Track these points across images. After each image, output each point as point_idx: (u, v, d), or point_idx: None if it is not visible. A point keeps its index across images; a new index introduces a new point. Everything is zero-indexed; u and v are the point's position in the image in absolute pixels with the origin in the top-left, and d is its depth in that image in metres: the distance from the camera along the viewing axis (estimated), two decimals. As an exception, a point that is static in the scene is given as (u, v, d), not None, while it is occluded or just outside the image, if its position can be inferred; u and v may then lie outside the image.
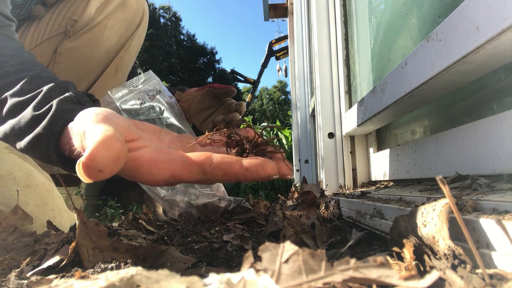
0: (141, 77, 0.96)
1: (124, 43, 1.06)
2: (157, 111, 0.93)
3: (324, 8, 1.27)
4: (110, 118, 0.42)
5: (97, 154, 0.34)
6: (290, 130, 3.81)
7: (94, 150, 0.34)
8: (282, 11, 3.60)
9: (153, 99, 0.92)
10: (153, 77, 0.97)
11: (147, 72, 0.98)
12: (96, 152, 0.34)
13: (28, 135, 0.50)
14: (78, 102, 0.51)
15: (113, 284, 0.20)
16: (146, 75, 0.96)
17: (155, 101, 0.93)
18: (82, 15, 0.99)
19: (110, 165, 0.34)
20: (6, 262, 0.44)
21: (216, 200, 1.07)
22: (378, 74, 0.99)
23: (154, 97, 0.93)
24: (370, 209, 0.57)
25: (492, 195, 0.36)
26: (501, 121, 0.46)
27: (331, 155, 1.14)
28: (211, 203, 1.06)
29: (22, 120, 0.51)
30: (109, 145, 0.35)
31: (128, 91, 0.90)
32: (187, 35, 23.05)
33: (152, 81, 0.95)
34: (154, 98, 0.93)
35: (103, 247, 0.47)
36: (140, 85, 0.93)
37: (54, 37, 1.00)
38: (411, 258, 0.30)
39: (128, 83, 0.91)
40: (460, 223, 0.26)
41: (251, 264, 0.22)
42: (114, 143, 0.35)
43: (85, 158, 0.33)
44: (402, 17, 0.86)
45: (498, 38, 0.40)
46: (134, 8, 1.05)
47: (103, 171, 0.34)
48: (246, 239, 0.68)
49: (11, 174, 0.64)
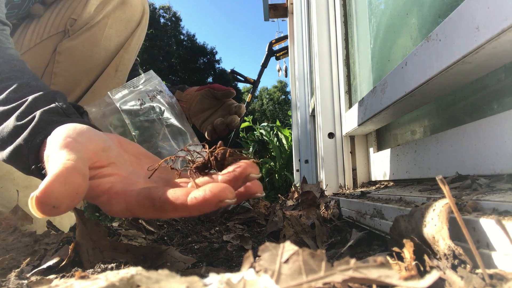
0: (142, 77, 0.95)
1: (124, 42, 1.05)
2: (157, 111, 0.92)
3: (324, 8, 1.27)
4: (79, 141, 0.39)
5: (52, 189, 0.31)
6: (290, 130, 3.82)
7: (49, 184, 0.31)
8: (282, 11, 3.60)
9: (154, 100, 0.91)
10: (154, 77, 0.96)
11: (148, 72, 0.97)
12: (52, 186, 0.31)
13: (10, 145, 0.48)
14: (63, 113, 0.49)
15: (113, 284, 0.20)
16: (146, 75, 0.95)
17: (156, 101, 0.92)
18: (82, 14, 0.98)
19: (66, 201, 0.32)
20: (6, 262, 0.44)
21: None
22: (378, 74, 0.99)
23: (154, 97, 0.91)
24: (370, 209, 0.57)
25: (492, 195, 0.36)
26: (501, 121, 0.46)
27: (331, 155, 1.14)
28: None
29: (5, 130, 0.49)
30: (67, 179, 0.32)
31: (128, 91, 0.89)
32: (187, 35, 23.07)
33: (153, 81, 0.95)
34: (154, 99, 0.91)
35: (103, 247, 0.47)
36: (141, 86, 0.92)
37: (53, 36, 0.99)
38: (411, 258, 0.30)
39: (129, 83, 0.91)
40: (460, 223, 0.26)
41: (251, 264, 0.22)
42: (73, 176, 0.33)
43: (39, 193, 0.31)
44: (402, 17, 0.86)
45: (498, 38, 0.40)
46: (134, 6, 1.05)
47: (58, 207, 0.31)
48: (246, 239, 0.68)
49: (10, 175, 0.64)
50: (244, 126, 4.36)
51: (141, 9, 1.07)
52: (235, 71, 4.12)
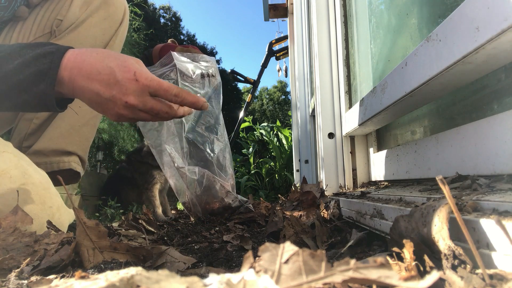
0: (205, 57, 1.13)
1: (109, 40, 1.08)
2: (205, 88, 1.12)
3: (324, 8, 1.27)
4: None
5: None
6: (290, 130, 3.82)
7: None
8: (282, 11, 3.60)
9: (204, 78, 1.10)
10: (214, 63, 1.14)
11: (211, 57, 1.14)
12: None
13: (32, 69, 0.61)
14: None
15: (113, 284, 0.20)
16: (210, 58, 1.13)
17: (206, 80, 1.11)
18: (67, 14, 1.01)
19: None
20: (6, 262, 0.44)
21: (223, 193, 1.08)
22: (378, 74, 0.99)
23: (208, 76, 1.11)
24: (370, 209, 0.57)
25: (492, 195, 0.36)
26: (501, 121, 0.46)
27: (331, 155, 1.14)
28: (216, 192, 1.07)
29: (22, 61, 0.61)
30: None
31: (190, 60, 1.09)
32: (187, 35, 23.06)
33: (213, 65, 1.13)
34: (206, 78, 1.11)
35: (103, 247, 0.47)
36: (202, 62, 1.11)
37: (39, 38, 1.02)
38: (411, 258, 0.30)
39: (195, 56, 1.11)
40: (460, 223, 0.26)
41: (251, 264, 0.22)
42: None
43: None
44: (402, 17, 0.86)
45: (498, 38, 0.40)
46: (116, 5, 1.08)
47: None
48: (246, 239, 0.68)
49: (7, 173, 0.64)
50: (244, 126, 4.36)
51: (122, 8, 1.11)
52: (235, 71, 4.12)
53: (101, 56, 0.65)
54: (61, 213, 0.72)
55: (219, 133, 1.15)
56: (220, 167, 1.12)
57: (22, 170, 0.68)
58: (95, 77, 0.63)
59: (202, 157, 1.11)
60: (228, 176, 1.13)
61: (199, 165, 1.09)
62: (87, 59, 0.64)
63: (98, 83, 0.64)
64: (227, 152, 1.16)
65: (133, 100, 0.64)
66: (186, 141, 1.09)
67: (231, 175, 1.15)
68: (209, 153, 1.12)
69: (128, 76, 0.63)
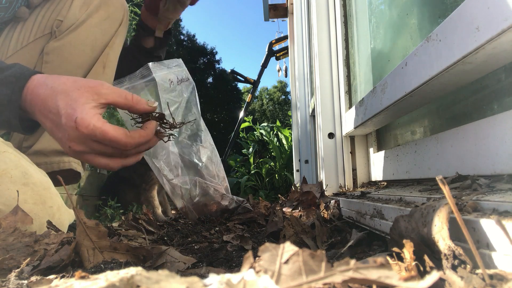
0: (174, 61, 1.11)
1: (109, 40, 1.08)
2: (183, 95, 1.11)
3: (324, 8, 1.27)
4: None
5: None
6: (290, 130, 3.81)
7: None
8: (282, 11, 3.60)
9: (180, 84, 1.10)
10: (182, 65, 1.13)
11: (178, 60, 1.12)
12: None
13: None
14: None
15: (113, 284, 0.20)
16: (177, 61, 1.12)
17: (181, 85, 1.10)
18: (67, 15, 1.01)
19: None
20: (6, 262, 0.44)
21: (218, 196, 1.08)
22: (378, 74, 0.99)
23: (182, 82, 1.10)
24: (370, 209, 0.57)
25: (492, 195, 0.36)
26: (501, 121, 0.46)
27: (331, 155, 1.14)
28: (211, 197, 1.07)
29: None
30: None
31: (166, 68, 1.07)
32: (187, 35, 23.05)
33: (183, 68, 1.12)
34: (181, 83, 1.10)
35: (103, 247, 0.47)
36: (174, 68, 1.10)
37: (40, 38, 1.02)
38: (411, 258, 0.30)
39: (166, 62, 1.09)
40: (460, 223, 0.26)
41: (251, 265, 0.22)
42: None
43: None
44: (402, 17, 0.86)
45: (498, 38, 0.40)
46: (115, 5, 1.09)
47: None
48: (246, 239, 0.68)
49: (8, 173, 0.64)
50: (244, 126, 4.36)
51: (122, 8, 1.11)
52: (235, 71, 4.12)
53: (54, 91, 0.61)
54: (61, 213, 0.72)
55: (203, 139, 1.14)
56: (210, 174, 1.12)
57: (23, 170, 0.68)
58: (47, 114, 0.61)
59: (191, 167, 1.10)
60: (220, 179, 1.14)
61: (190, 174, 1.09)
62: (42, 93, 0.62)
63: (49, 121, 0.61)
64: (214, 156, 1.15)
65: (76, 146, 0.60)
66: (172, 154, 1.09)
67: (223, 178, 1.15)
68: (197, 163, 1.11)
69: (69, 124, 0.58)
